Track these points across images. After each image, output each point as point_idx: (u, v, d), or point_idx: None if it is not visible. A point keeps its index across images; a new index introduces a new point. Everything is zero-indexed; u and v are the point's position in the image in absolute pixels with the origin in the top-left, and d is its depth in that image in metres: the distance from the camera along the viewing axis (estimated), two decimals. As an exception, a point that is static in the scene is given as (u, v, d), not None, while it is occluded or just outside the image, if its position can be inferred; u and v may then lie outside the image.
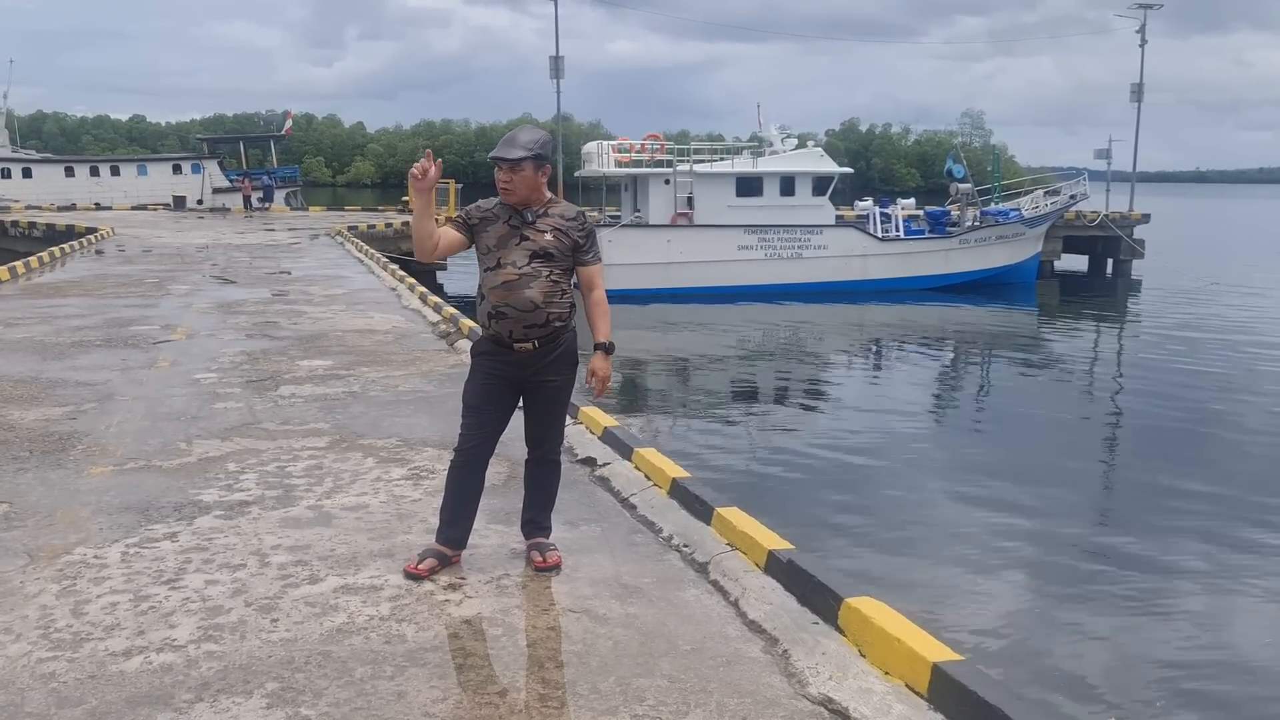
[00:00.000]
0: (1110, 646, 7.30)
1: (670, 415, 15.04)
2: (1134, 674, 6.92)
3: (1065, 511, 10.14)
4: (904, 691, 3.39)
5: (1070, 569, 8.66)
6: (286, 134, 52.71)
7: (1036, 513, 10.01)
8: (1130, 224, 36.74)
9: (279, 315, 12.41)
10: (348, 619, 4.01)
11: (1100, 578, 8.47)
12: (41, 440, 6.56)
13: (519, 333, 4.31)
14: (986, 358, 21.43)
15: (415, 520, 5.10)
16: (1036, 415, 15.05)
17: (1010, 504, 10.30)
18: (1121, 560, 8.83)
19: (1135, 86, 40.52)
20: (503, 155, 4.26)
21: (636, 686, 3.52)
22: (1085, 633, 7.46)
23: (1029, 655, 7.05)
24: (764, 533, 4.54)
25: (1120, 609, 7.91)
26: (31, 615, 4.01)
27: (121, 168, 43.72)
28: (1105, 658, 7.12)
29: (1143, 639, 7.47)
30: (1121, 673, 6.92)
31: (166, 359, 9.44)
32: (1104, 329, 25.81)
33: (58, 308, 12.83)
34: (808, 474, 11.44)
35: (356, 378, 8.66)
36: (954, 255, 30.29)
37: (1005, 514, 10.00)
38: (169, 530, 4.97)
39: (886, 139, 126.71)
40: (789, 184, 28.74)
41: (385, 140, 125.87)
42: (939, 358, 21.35)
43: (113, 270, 17.87)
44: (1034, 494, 10.61)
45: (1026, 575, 8.60)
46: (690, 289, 27.31)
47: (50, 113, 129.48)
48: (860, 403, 15.96)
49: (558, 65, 35.92)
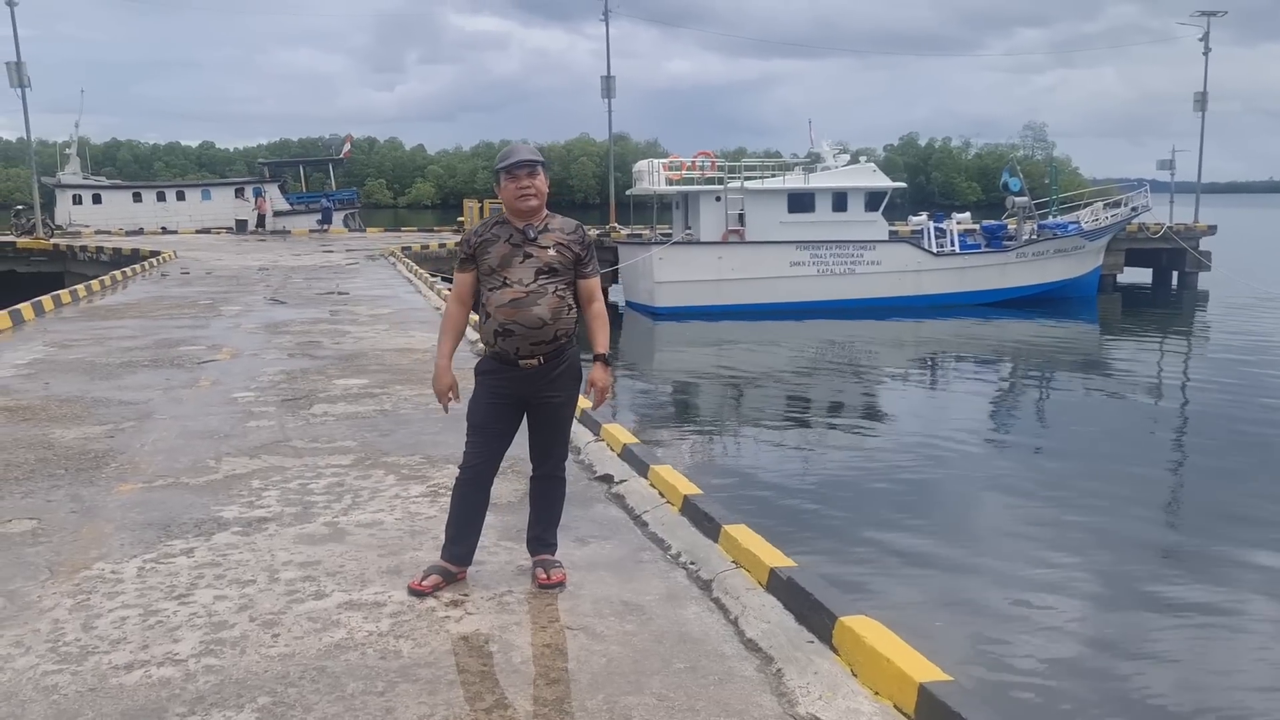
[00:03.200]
0: (1116, 673, 7.07)
1: (705, 432, 15.00)
2: (1132, 701, 6.71)
3: (1102, 535, 9.81)
4: (892, 712, 3.33)
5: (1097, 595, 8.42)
6: (346, 157, 53.60)
7: (1067, 535, 9.74)
8: (1196, 236, 35.91)
9: (323, 335, 12.61)
10: (347, 635, 4.04)
11: (1119, 603, 8.22)
12: (78, 458, 6.73)
13: (525, 349, 4.33)
14: (1040, 374, 21.01)
15: (427, 537, 5.13)
16: (1088, 434, 14.67)
17: (1041, 525, 10.07)
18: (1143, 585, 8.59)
19: (1199, 95, 39.69)
20: (525, 159, 4.31)
21: (624, 704, 3.50)
22: (1098, 658, 7.24)
23: (1032, 678, 6.85)
24: (768, 550, 4.49)
25: (1135, 636, 7.66)
26: (43, 629, 4.11)
27: (186, 192, 44.83)
28: (1109, 683, 6.90)
29: (1147, 668, 7.20)
30: (1120, 698, 6.72)
31: (208, 378, 9.63)
32: (1168, 344, 25.16)
33: (113, 329, 13.17)
34: (834, 492, 11.31)
35: (389, 396, 8.76)
36: (1010, 269, 29.83)
37: (1033, 536, 9.78)
38: (186, 546, 5.06)
39: (946, 153, 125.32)
40: (841, 200, 28.57)
41: (445, 162, 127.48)
42: (990, 374, 20.98)
43: (169, 292, 18.32)
44: (1068, 516, 10.32)
45: (1044, 598, 8.29)
46: (742, 306, 27.22)
47: (124, 140, 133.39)
48: (903, 421, 15.74)
49: (609, 85, 36.20)
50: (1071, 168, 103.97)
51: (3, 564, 4.82)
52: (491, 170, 4.57)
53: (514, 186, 4.30)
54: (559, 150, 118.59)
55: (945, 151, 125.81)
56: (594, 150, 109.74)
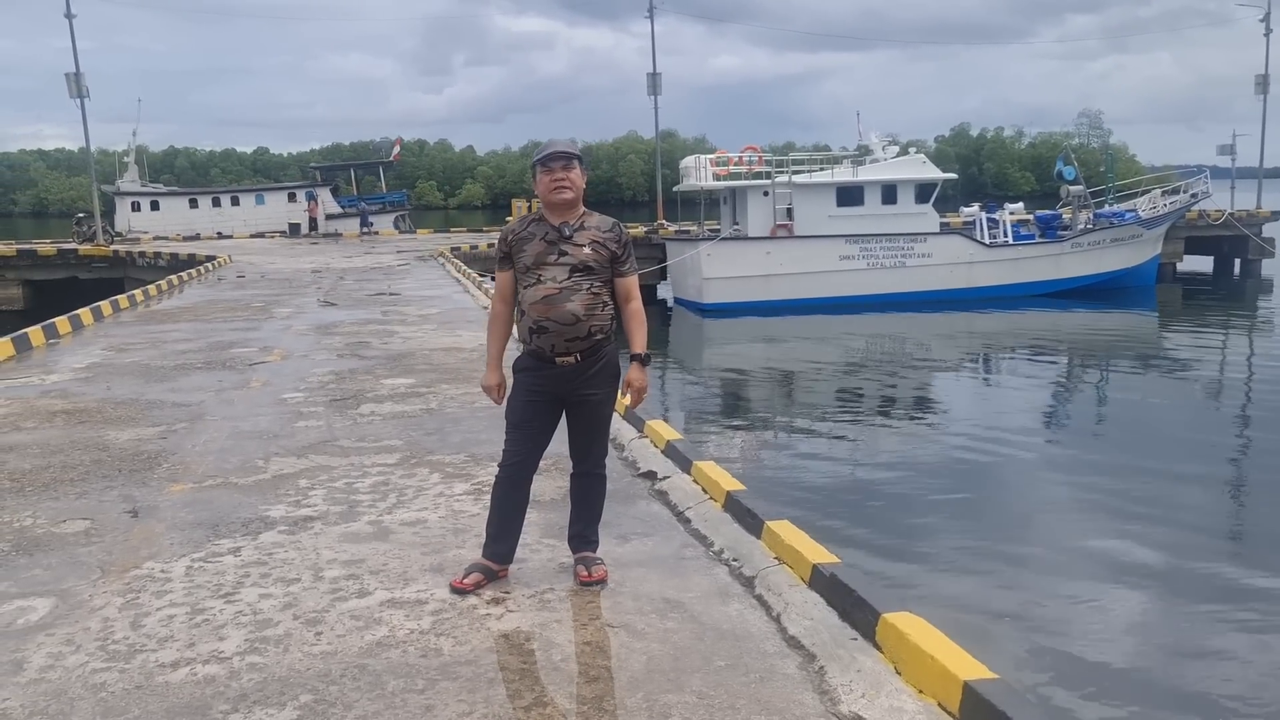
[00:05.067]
0: (1170, 675, 6.89)
1: (751, 429, 14.92)
2: (1187, 704, 6.52)
3: (1159, 535, 9.55)
4: (936, 711, 3.26)
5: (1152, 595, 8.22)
6: (395, 159, 54.16)
7: (1119, 532, 9.53)
8: (1258, 222, 35.06)
9: (371, 335, 12.73)
10: (389, 632, 4.05)
11: (1174, 604, 8.03)
12: (132, 459, 6.84)
13: (560, 346, 4.31)
14: (1096, 368, 20.61)
15: (470, 535, 5.13)
16: (1146, 429, 14.33)
17: (1093, 521, 9.88)
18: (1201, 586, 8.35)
19: (1260, 78, 38.67)
20: (558, 151, 4.31)
21: (663, 703, 3.47)
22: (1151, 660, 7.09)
23: (1081, 678, 6.70)
24: (811, 546, 4.43)
25: (1191, 638, 7.45)
26: (94, 627, 4.17)
27: (241, 198, 45.62)
28: (1162, 686, 6.73)
29: (1203, 671, 6.98)
30: (1174, 701, 6.53)
31: (260, 379, 9.76)
32: (1231, 334, 24.56)
33: (168, 332, 13.41)
34: (881, 488, 11.19)
35: (436, 395, 8.81)
36: (1065, 260, 29.33)
37: (1085, 532, 9.59)
38: (234, 545, 5.11)
39: (999, 143, 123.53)
40: (891, 192, 28.26)
41: (494, 162, 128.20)
42: (1044, 369, 20.61)
43: (224, 296, 18.61)
44: (1123, 514, 10.08)
45: (1096, 597, 8.12)
46: (791, 301, 27.06)
47: (181, 148, 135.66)
48: (954, 416, 15.52)
49: (655, 82, 36.14)
50: (1128, 155, 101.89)
51: (56, 563, 4.91)
52: (530, 166, 4.56)
53: (549, 179, 4.30)
54: (607, 149, 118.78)
55: (998, 142, 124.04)
56: (642, 148, 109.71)
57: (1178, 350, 22.26)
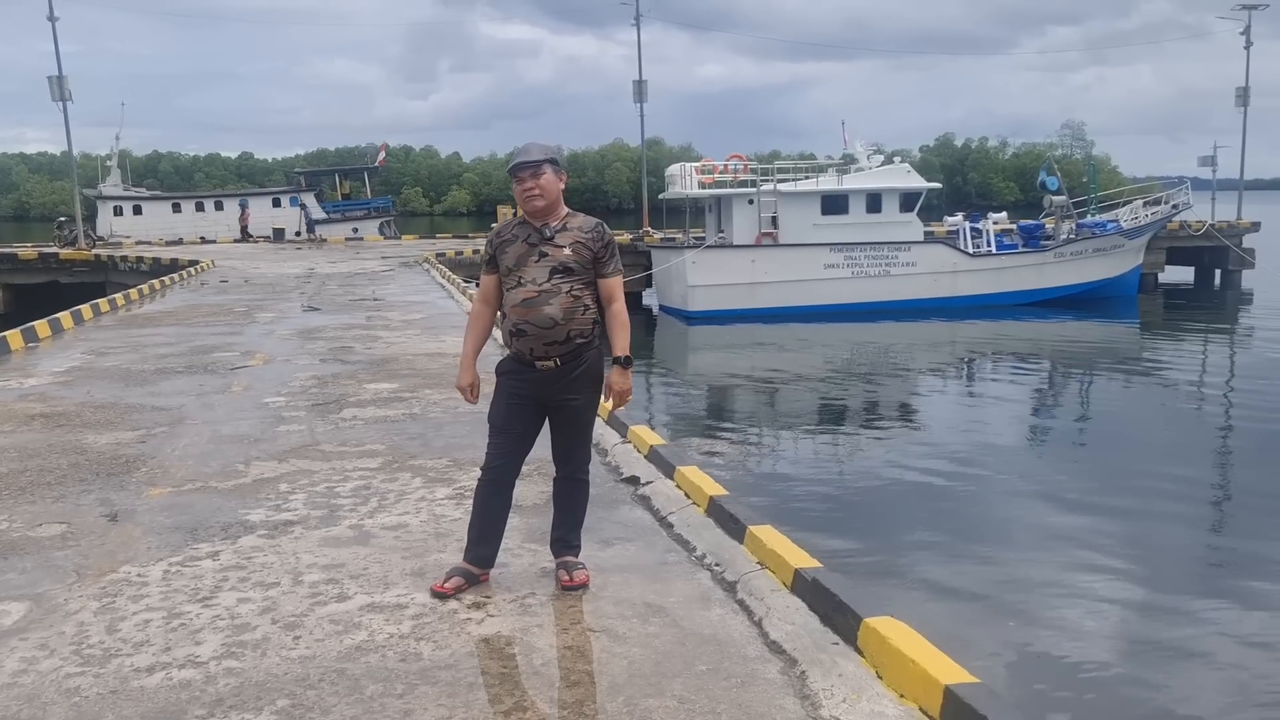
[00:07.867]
0: (1148, 678, 6.90)
1: (734, 434, 14.90)
2: (1164, 707, 6.54)
3: (1138, 541, 9.61)
4: (917, 715, 3.25)
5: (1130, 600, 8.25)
6: (381, 165, 54.07)
7: (1098, 538, 9.57)
8: (1239, 232, 35.33)
9: (355, 340, 12.67)
10: (368, 637, 4.02)
11: (1153, 608, 8.05)
12: (110, 463, 6.78)
13: (540, 350, 4.29)
14: (1078, 376, 20.70)
15: (451, 539, 5.10)
16: (1126, 438, 14.41)
17: (1073, 527, 9.90)
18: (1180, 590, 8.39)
19: (1240, 91, 39.05)
20: (524, 160, 4.30)
21: (645, 707, 3.45)
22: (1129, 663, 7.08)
23: (1061, 682, 6.72)
24: (793, 551, 4.42)
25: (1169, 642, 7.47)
26: (68, 632, 4.12)
27: (224, 202, 45.40)
28: (1140, 688, 6.74)
29: (1180, 674, 7.01)
30: (1152, 704, 6.55)
31: (241, 384, 9.70)
32: (1211, 344, 24.72)
33: (149, 336, 13.31)
34: (863, 494, 11.23)
35: (419, 399, 8.77)
36: (1048, 269, 29.47)
37: (1065, 537, 9.61)
38: (212, 549, 5.06)
39: (983, 153, 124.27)
40: (875, 201, 28.37)
41: (480, 169, 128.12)
42: (1026, 377, 20.69)
43: (206, 300, 18.51)
44: (1102, 520, 10.13)
45: (1076, 602, 8.11)
46: (775, 309, 27.09)
47: (165, 152, 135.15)
48: (935, 424, 15.57)
49: (641, 90, 36.22)
50: (1111, 166, 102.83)
51: (31, 568, 4.85)
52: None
53: (519, 189, 4.31)
54: (593, 156, 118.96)
55: (982, 152, 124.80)
56: (628, 155, 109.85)
57: (1159, 360, 22.40)
